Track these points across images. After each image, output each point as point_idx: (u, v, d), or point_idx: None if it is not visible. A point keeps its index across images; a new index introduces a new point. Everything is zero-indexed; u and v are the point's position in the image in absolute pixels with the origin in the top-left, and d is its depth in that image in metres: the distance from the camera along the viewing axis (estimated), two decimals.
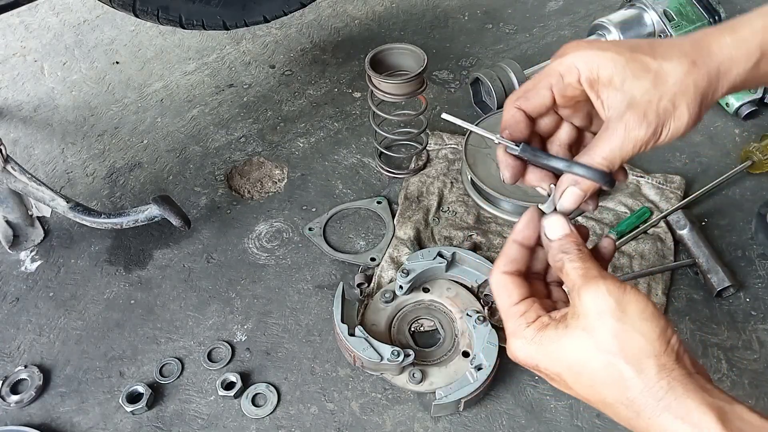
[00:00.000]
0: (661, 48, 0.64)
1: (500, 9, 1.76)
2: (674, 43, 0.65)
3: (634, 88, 0.61)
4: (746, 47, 0.63)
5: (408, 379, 0.96)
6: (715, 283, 1.05)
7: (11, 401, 1.00)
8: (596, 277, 0.59)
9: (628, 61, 0.62)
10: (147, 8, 1.33)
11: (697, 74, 0.62)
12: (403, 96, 1.16)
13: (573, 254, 0.62)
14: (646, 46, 0.64)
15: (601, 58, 0.63)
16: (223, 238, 1.23)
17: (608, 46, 0.64)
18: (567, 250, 0.63)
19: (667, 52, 0.63)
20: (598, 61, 0.63)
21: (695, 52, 0.63)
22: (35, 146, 1.46)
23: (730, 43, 0.63)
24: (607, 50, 0.63)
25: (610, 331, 0.57)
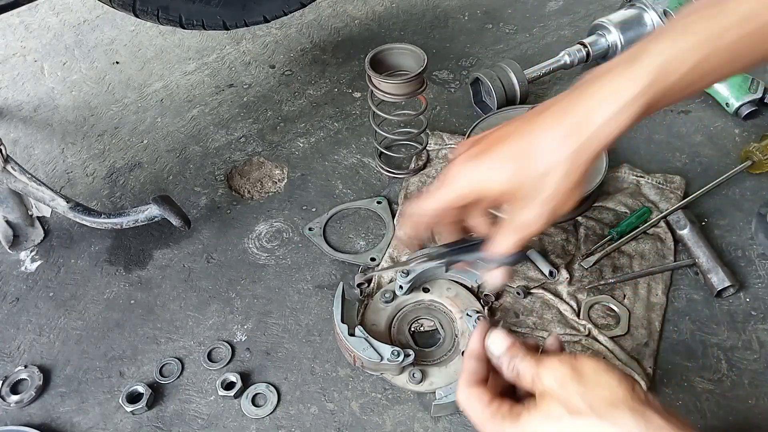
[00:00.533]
0: (529, 127, 0.70)
1: (500, 9, 1.76)
2: (541, 113, 0.70)
3: (518, 179, 0.70)
4: (626, 116, 0.66)
5: (408, 379, 0.96)
6: (715, 283, 1.05)
7: (11, 401, 1.00)
8: (547, 358, 0.65)
9: (501, 150, 0.72)
10: (147, 8, 1.34)
11: (570, 145, 0.67)
12: (403, 96, 1.16)
13: (521, 355, 0.68)
14: (514, 134, 0.72)
15: (479, 174, 0.72)
16: (223, 238, 1.23)
17: (483, 148, 0.74)
18: (514, 355, 0.69)
19: (536, 129, 0.70)
20: (481, 172, 0.72)
21: (565, 124, 0.68)
22: (35, 146, 1.46)
23: (608, 114, 0.66)
24: (481, 158, 0.73)
25: (575, 394, 0.60)
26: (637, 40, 1.46)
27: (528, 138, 0.68)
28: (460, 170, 0.73)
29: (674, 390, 0.96)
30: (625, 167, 1.26)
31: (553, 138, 0.66)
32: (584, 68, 1.53)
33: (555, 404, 0.61)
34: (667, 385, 0.97)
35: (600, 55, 1.48)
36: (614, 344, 0.99)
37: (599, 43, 1.47)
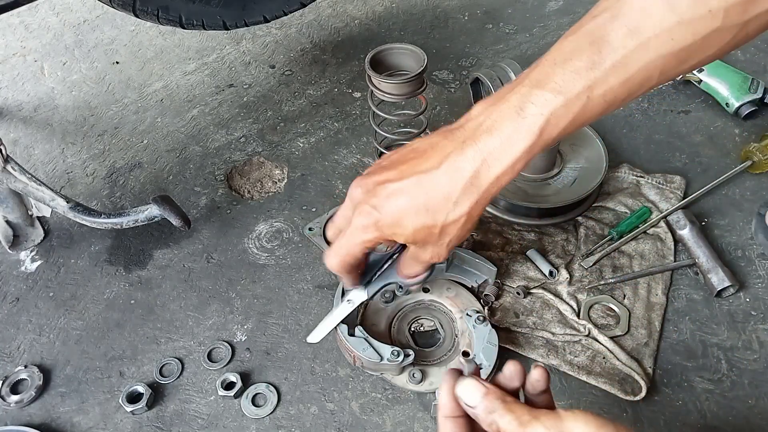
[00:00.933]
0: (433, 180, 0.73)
1: (500, 9, 1.76)
2: (450, 167, 0.72)
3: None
4: (517, 167, 0.72)
5: (408, 379, 0.96)
6: (715, 283, 1.05)
7: (11, 401, 1.00)
8: (530, 420, 0.57)
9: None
10: (147, 8, 1.34)
11: (466, 205, 0.72)
12: (403, 96, 1.16)
13: (500, 410, 0.59)
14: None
15: (388, 227, 0.75)
16: (223, 238, 1.23)
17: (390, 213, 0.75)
18: (492, 408, 0.60)
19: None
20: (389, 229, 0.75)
21: (467, 184, 0.72)
22: (35, 146, 1.46)
23: (501, 169, 0.71)
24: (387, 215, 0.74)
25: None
26: None
27: (430, 192, 0.72)
28: (368, 213, 0.75)
29: (674, 390, 0.96)
30: (625, 167, 1.26)
31: (454, 193, 0.71)
32: None
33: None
34: (667, 385, 0.97)
35: None
36: (614, 344, 0.99)
37: None
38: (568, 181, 1.20)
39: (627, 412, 0.95)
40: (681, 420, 0.94)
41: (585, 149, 1.24)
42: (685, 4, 0.62)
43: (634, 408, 0.95)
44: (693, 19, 0.63)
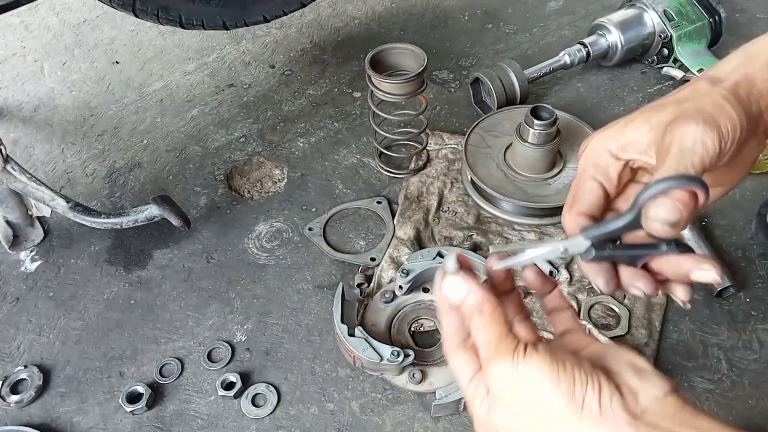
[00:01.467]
0: (669, 97, 0.64)
1: (500, 9, 1.76)
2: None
3: (663, 116, 0.60)
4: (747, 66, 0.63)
5: (408, 379, 0.96)
6: (715, 283, 1.05)
7: (11, 401, 1.00)
8: (489, 357, 0.55)
9: (643, 111, 0.63)
10: (147, 8, 1.33)
11: (717, 86, 0.61)
12: (403, 96, 1.16)
13: (475, 322, 0.56)
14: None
15: (619, 125, 0.64)
16: (223, 238, 1.23)
17: (621, 119, 0.65)
18: (470, 312, 0.57)
19: (677, 92, 0.63)
20: (618, 130, 0.63)
21: (704, 80, 0.63)
22: (35, 146, 1.46)
23: (731, 68, 0.63)
24: (620, 121, 0.64)
25: (524, 416, 0.54)
26: (637, 39, 1.48)
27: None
28: (593, 135, 0.66)
29: None
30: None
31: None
32: (584, 68, 1.53)
33: (504, 414, 0.55)
34: None
35: (600, 55, 1.48)
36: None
37: (599, 43, 1.47)
38: (568, 181, 1.20)
39: None
40: None
41: None
42: None
43: None
44: None
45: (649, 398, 0.52)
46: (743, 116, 0.59)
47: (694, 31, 1.44)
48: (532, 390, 0.53)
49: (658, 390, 0.53)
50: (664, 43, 1.45)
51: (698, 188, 0.54)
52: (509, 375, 0.54)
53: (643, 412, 0.51)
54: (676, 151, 0.57)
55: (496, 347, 0.55)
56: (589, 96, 1.48)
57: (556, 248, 0.61)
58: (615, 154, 0.64)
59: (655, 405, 0.52)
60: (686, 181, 0.54)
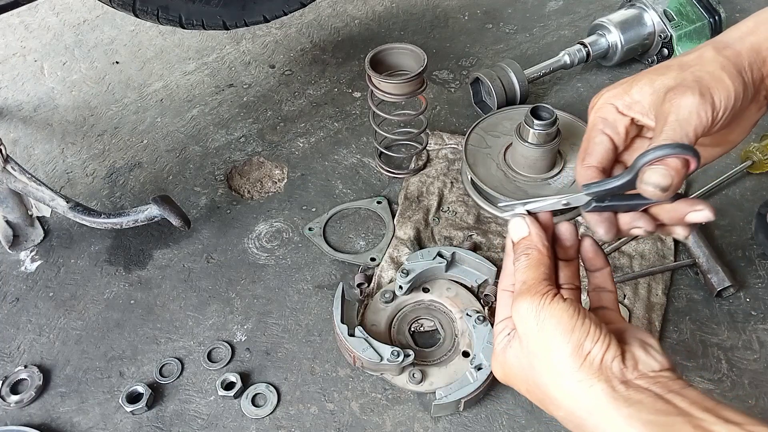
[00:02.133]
0: (674, 60, 0.68)
1: (500, 9, 1.76)
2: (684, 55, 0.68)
3: (665, 80, 0.65)
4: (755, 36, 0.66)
5: (408, 379, 0.96)
6: (715, 283, 1.05)
7: (11, 401, 1.00)
8: (520, 293, 0.61)
9: (648, 72, 0.67)
10: (147, 8, 1.33)
11: (720, 54, 0.65)
12: (403, 96, 1.16)
13: (521, 262, 0.64)
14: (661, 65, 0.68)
15: (626, 85, 0.68)
16: (223, 238, 1.23)
17: (628, 78, 0.69)
18: (519, 255, 0.64)
19: (684, 56, 0.67)
20: (624, 89, 0.68)
21: (711, 46, 0.67)
22: (35, 146, 1.46)
23: (739, 34, 0.67)
24: (627, 80, 0.69)
25: (530, 355, 0.60)
26: (637, 39, 1.48)
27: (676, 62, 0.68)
28: (602, 92, 0.71)
29: None
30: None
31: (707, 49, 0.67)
32: (584, 68, 1.53)
33: (522, 356, 0.62)
34: None
35: (600, 55, 1.48)
36: None
37: (599, 43, 1.47)
38: (568, 181, 1.20)
39: None
40: None
41: None
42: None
43: None
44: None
45: (647, 368, 0.58)
46: (740, 86, 0.64)
47: (694, 31, 1.44)
48: (546, 334, 0.58)
49: (657, 364, 0.58)
50: (664, 43, 1.45)
51: (690, 156, 0.59)
52: (531, 315, 0.59)
53: (638, 377, 0.57)
54: (673, 120, 0.62)
55: (528, 287, 0.61)
56: (589, 96, 1.47)
57: (559, 201, 0.68)
58: (621, 111, 0.68)
59: (651, 374, 0.57)
60: (680, 149, 0.59)
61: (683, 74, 0.64)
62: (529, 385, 0.62)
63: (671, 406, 0.54)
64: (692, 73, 0.64)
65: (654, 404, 0.54)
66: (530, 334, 0.60)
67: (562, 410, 0.59)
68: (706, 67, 0.64)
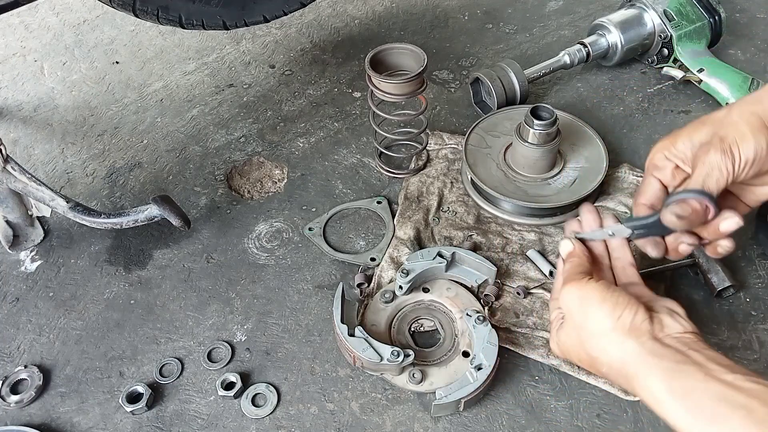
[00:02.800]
0: (710, 116, 0.81)
1: (500, 9, 1.76)
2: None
3: (700, 136, 0.80)
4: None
5: (408, 379, 0.96)
6: (715, 283, 1.05)
7: (11, 401, 1.00)
8: (564, 282, 0.79)
9: (690, 128, 0.82)
10: (147, 8, 1.33)
11: (749, 113, 0.77)
12: (403, 96, 1.16)
13: (565, 265, 0.84)
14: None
15: (673, 137, 0.83)
16: (223, 238, 1.23)
17: (677, 131, 0.83)
18: (564, 264, 0.84)
19: (718, 112, 0.80)
20: (672, 140, 0.83)
21: (742, 101, 0.80)
22: (35, 146, 1.46)
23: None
24: (675, 133, 0.83)
25: (578, 328, 0.77)
26: (637, 39, 1.48)
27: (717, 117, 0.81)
28: (658, 145, 0.86)
29: None
30: (625, 167, 1.26)
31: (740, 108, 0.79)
32: (584, 68, 1.53)
33: (572, 332, 0.78)
34: None
35: (600, 55, 1.48)
36: None
37: (599, 43, 1.47)
38: (568, 181, 1.20)
39: (627, 412, 0.95)
40: None
41: (585, 149, 1.24)
42: None
43: (634, 408, 0.95)
44: None
45: (672, 330, 0.72)
46: (764, 140, 0.76)
47: (694, 31, 1.44)
48: (585, 308, 0.75)
49: (681, 327, 0.73)
50: (664, 43, 1.45)
51: (707, 201, 0.76)
52: (573, 296, 0.77)
53: (664, 336, 0.71)
54: (698, 174, 0.78)
55: (569, 277, 0.79)
56: (589, 96, 1.48)
57: (605, 232, 0.87)
58: (668, 158, 0.84)
59: (676, 334, 0.72)
60: (698, 194, 0.76)
61: (712, 131, 0.78)
62: (579, 354, 0.78)
63: (689, 358, 0.67)
64: (718, 131, 0.78)
65: (674, 356, 0.68)
66: (574, 311, 0.77)
67: (605, 366, 0.74)
68: (732, 125, 0.77)
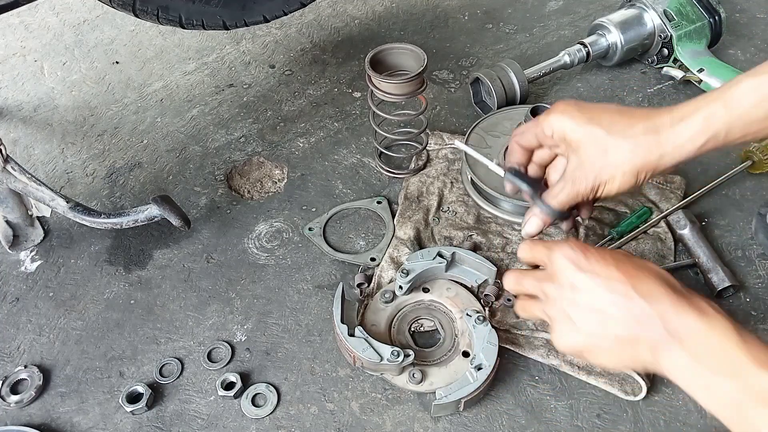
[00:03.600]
0: (619, 126, 0.79)
1: (500, 9, 1.76)
2: (632, 123, 0.78)
3: (587, 155, 0.80)
4: (695, 136, 0.76)
5: (408, 379, 0.96)
6: (715, 283, 1.05)
7: (11, 401, 1.00)
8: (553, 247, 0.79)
9: (588, 133, 0.80)
10: (147, 8, 1.33)
11: (639, 158, 0.78)
12: (403, 96, 1.16)
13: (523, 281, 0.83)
14: (607, 121, 0.80)
15: (572, 125, 0.81)
16: (223, 238, 1.23)
17: (582, 115, 0.81)
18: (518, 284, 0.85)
19: (622, 131, 0.78)
20: (569, 126, 0.81)
21: (645, 139, 0.77)
22: (35, 146, 1.46)
23: (680, 132, 0.76)
24: (579, 119, 0.81)
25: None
26: (637, 39, 1.47)
27: (608, 138, 0.80)
28: (563, 109, 0.83)
29: (674, 390, 0.96)
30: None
31: (628, 148, 0.78)
32: (584, 68, 1.53)
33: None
34: (667, 385, 0.97)
35: (600, 55, 1.48)
36: None
37: (599, 43, 1.47)
38: None
39: (627, 412, 0.95)
40: (681, 420, 0.93)
41: None
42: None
43: (634, 408, 0.95)
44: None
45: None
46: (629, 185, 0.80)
47: (694, 31, 1.44)
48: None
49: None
50: (664, 43, 1.45)
51: (559, 218, 0.88)
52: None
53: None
54: (563, 192, 0.84)
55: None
56: (589, 96, 1.48)
57: (493, 164, 0.97)
58: (554, 136, 0.84)
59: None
60: (553, 213, 0.87)
61: (597, 164, 0.81)
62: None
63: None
64: (600, 169, 0.81)
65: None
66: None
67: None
68: (616, 163, 0.79)
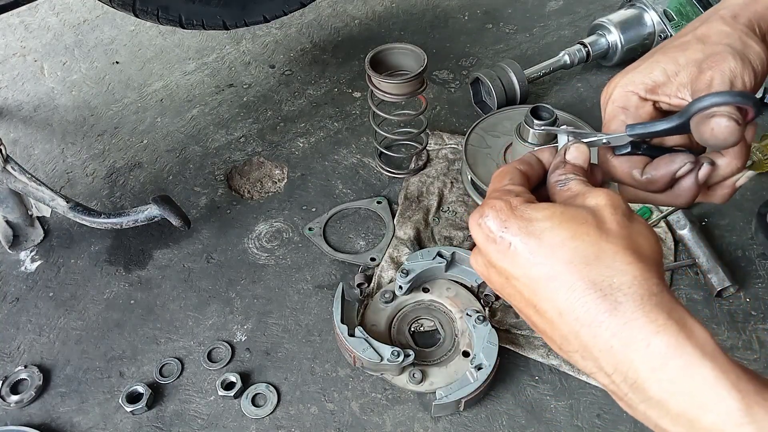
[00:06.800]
0: (685, 36, 0.63)
1: (500, 9, 1.76)
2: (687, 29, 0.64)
3: (691, 54, 0.61)
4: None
5: (408, 379, 0.96)
6: (715, 283, 1.05)
7: (11, 401, 1.00)
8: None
9: (664, 51, 0.62)
10: (147, 8, 1.33)
11: (738, 23, 0.61)
12: (403, 96, 1.16)
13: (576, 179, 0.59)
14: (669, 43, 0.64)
15: (644, 68, 0.63)
16: (223, 238, 1.23)
17: (640, 62, 0.64)
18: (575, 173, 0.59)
19: (692, 31, 0.63)
20: (644, 72, 0.63)
21: (718, 17, 0.62)
22: (35, 146, 1.46)
23: (741, 2, 0.63)
24: (641, 64, 0.63)
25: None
26: (637, 39, 1.47)
27: None
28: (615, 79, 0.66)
29: None
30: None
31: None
32: (584, 68, 1.53)
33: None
34: None
35: (600, 55, 1.48)
36: None
37: (599, 42, 1.47)
38: None
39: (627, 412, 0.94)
40: None
41: None
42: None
43: None
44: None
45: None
46: (765, 51, 0.60)
47: None
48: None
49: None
50: None
51: (750, 107, 0.54)
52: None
53: None
54: (719, 84, 0.57)
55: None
56: (589, 96, 1.48)
57: (600, 138, 0.62)
58: (643, 97, 0.63)
59: None
60: (741, 98, 0.54)
61: (711, 46, 0.60)
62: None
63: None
64: (720, 42, 0.60)
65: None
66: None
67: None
68: (731, 36, 0.60)
